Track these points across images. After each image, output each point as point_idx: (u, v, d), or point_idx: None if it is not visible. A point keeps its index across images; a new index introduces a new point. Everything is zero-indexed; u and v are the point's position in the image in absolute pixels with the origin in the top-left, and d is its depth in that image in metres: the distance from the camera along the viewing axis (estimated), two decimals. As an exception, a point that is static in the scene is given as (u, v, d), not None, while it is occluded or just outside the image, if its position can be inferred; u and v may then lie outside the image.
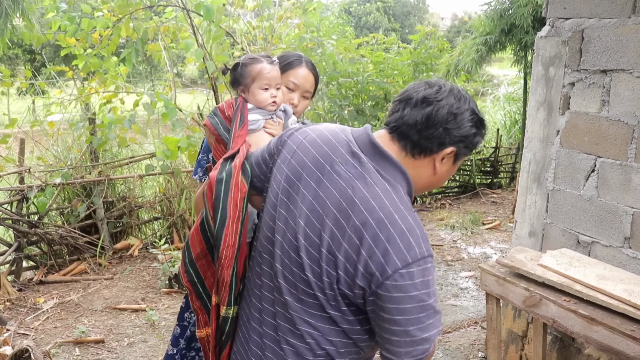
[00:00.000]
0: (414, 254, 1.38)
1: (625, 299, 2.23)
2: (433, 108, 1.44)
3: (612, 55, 2.79)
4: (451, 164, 1.53)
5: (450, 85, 1.51)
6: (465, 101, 1.48)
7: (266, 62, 2.09)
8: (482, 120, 1.52)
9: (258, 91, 2.09)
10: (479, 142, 1.54)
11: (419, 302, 1.37)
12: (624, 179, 2.77)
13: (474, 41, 8.51)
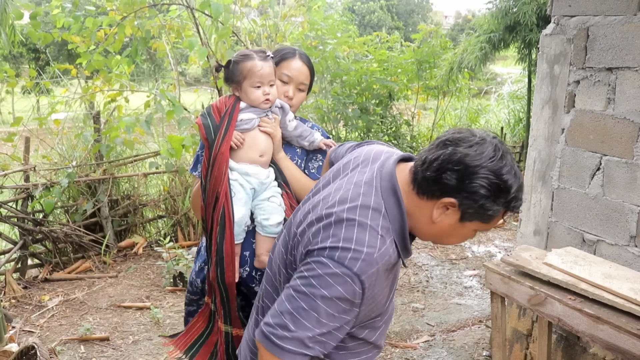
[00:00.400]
0: (332, 249, 1.40)
1: (631, 298, 2.23)
2: (448, 151, 1.38)
3: (617, 53, 2.79)
4: (456, 220, 1.43)
5: (490, 139, 1.41)
6: (491, 159, 1.37)
7: (258, 58, 2.05)
8: (501, 187, 1.37)
9: (250, 89, 2.06)
10: (493, 213, 1.40)
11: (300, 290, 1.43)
12: (629, 177, 2.76)
13: (478, 39, 8.47)
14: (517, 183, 1.39)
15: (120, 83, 5.37)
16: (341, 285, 1.37)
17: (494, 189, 1.36)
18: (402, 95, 8.42)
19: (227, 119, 2.05)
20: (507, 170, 1.37)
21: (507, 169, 1.37)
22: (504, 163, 1.37)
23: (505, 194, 1.38)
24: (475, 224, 1.44)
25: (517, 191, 1.40)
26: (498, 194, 1.37)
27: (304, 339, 1.40)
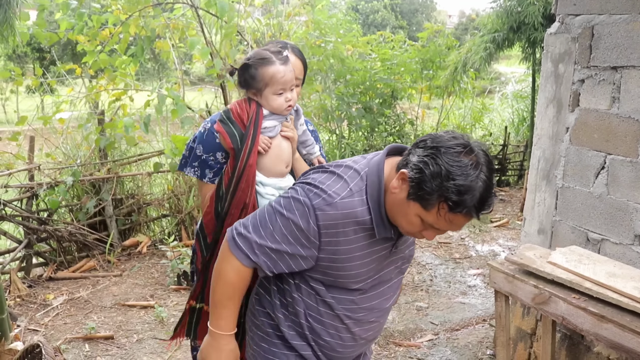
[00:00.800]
0: (307, 184, 1.62)
1: (636, 297, 2.22)
2: (431, 152, 1.47)
3: (622, 52, 2.78)
4: (404, 196, 1.51)
5: (474, 149, 1.48)
6: (457, 155, 1.45)
7: (279, 62, 1.94)
8: (442, 174, 1.44)
9: (272, 97, 1.97)
10: (427, 195, 1.46)
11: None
12: (634, 176, 2.75)
13: (482, 39, 8.47)
14: (464, 182, 1.42)
15: (125, 82, 5.39)
16: (299, 211, 1.56)
17: (434, 171, 1.43)
18: (406, 95, 8.42)
19: (252, 127, 1.97)
20: (462, 168, 1.43)
21: (463, 170, 1.43)
22: (466, 163, 1.44)
23: (444, 180, 1.42)
24: (416, 207, 1.50)
25: (460, 189, 1.42)
26: (436, 176, 1.43)
27: (253, 243, 1.60)
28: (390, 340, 3.95)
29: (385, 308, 1.81)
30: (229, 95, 5.78)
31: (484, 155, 1.48)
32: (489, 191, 1.47)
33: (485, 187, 1.44)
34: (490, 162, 1.49)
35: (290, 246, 1.58)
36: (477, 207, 1.45)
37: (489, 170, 1.47)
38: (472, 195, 1.43)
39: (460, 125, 9.72)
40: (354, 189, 1.57)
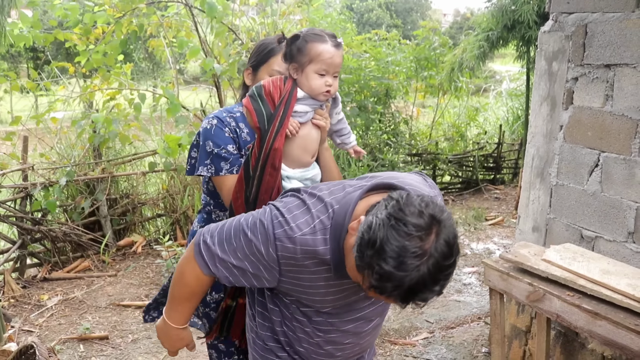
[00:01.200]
0: (277, 208, 1.57)
1: (629, 294, 2.23)
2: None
3: (615, 50, 2.79)
4: (352, 243, 1.39)
5: (432, 220, 1.30)
6: (406, 257, 1.26)
7: (331, 43, 1.81)
8: (376, 246, 1.28)
9: (313, 75, 1.82)
10: (358, 261, 1.33)
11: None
12: (627, 173, 2.76)
13: (476, 37, 8.49)
14: (391, 269, 1.27)
15: (119, 82, 5.37)
16: (261, 236, 1.51)
17: (371, 240, 1.30)
18: (401, 94, 8.43)
19: (282, 108, 1.82)
20: (399, 252, 1.27)
21: (400, 255, 1.27)
22: (408, 249, 1.27)
23: (375, 255, 1.29)
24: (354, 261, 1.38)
25: (383, 274, 1.28)
26: (370, 246, 1.30)
27: (216, 257, 1.58)
28: (385, 338, 3.95)
29: (363, 332, 1.74)
30: (223, 94, 5.77)
31: (444, 245, 1.29)
32: (426, 286, 1.29)
33: (420, 280, 1.27)
34: (448, 254, 1.30)
35: (252, 266, 1.55)
36: (402, 296, 1.31)
37: (438, 264, 1.28)
38: (394, 285, 1.28)
39: (455, 123, 9.72)
40: (317, 227, 1.48)
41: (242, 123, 2.17)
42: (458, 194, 8.69)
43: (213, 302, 2.35)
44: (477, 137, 9.85)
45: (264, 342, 1.78)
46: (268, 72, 2.13)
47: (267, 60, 2.14)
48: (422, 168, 8.26)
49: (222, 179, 2.10)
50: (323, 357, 1.74)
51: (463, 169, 9.07)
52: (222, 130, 2.11)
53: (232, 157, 2.09)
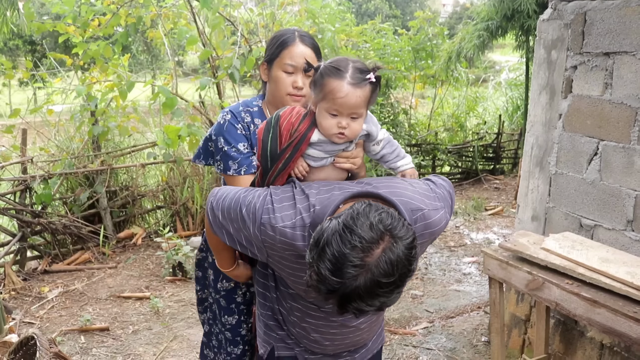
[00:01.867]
0: (274, 194, 1.62)
1: (628, 281, 2.23)
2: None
3: (615, 38, 2.78)
4: None
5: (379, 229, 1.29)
6: (346, 266, 1.26)
7: (349, 79, 1.55)
8: (320, 244, 1.30)
9: (324, 114, 1.60)
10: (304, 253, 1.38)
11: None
12: (626, 161, 2.76)
13: (476, 27, 8.46)
14: (326, 273, 1.28)
15: (117, 74, 5.36)
16: (251, 216, 1.57)
17: (317, 239, 1.32)
18: (400, 84, 8.41)
19: (290, 151, 1.65)
20: (338, 259, 1.27)
21: (339, 262, 1.27)
22: (347, 257, 1.27)
23: (317, 256, 1.31)
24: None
25: (319, 277, 1.30)
26: (315, 245, 1.32)
27: (217, 220, 1.67)
28: (385, 328, 3.97)
29: (352, 325, 1.74)
30: (222, 85, 5.76)
31: (387, 263, 1.27)
32: (361, 299, 1.29)
33: (354, 292, 1.27)
34: (388, 273, 1.27)
35: (245, 240, 1.61)
36: (337, 302, 1.32)
37: (374, 280, 1.27)
38: (328, 289, 1.30)
39: (455, 113, 9.71)
40: (297, 223, 1.50)
41: (259, 118, 2.14)
42: (458, 184, 8.69)
43: (228, 324, 2.39)
44: (476, 128, 9.84)
45: (265, 320, 1.86)
46: (280, 66, 2.05)
47: (280, 54, 2.06)
48: (422, 158, 8.26)
49: (229, 178, 2.10)
50: (313, 344, 1.78)
51: (463, 159, 9.07)
52: (235, 127, 2.08)
53: (241, 157, 2.07)
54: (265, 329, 1.86)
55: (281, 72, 2.05)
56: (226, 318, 2.38)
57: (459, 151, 8.93)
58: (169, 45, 5.93)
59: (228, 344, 2.43)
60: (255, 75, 6.55)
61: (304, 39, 2.06)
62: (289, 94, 2.06)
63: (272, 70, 2.09)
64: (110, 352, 3.67)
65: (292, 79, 2.04)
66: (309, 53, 2.05)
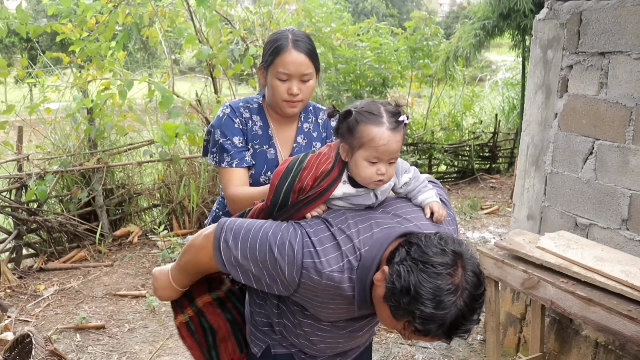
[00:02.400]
0: (309, 235, 1.54)
1: (623, 280, 2.25)
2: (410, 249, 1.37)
3: (610, 37, 2.79)
4: (380, 294, 1.41)
5: (460, 264, 1.34)
6: (442, 295, 1.29)
7: (388, 125, 1.51)
8: (410, 293, 1.31)
9: (363, 163, 1.54)
10: (395, 310, 1.36)
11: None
12: (621, 161, 2.77)
13: (472, 26, 8.47)
14: (432, 310, 1.30)
15: (113, 71, 5.35)
16: (288, 258, 1.49)
17: (404, 287, 1.33)
18: (396, 83, 8.41)
19: (302, 205, 1.61)
20: (435, 292, 1.30)
21: (436, 295, 1.30)
22: (442, 288, 1.30)
23: (412, 301, 1.32)
24: (388, 311, 1.41)
25: (425, 317, 1.31)
26: (405, 293, 1.33)
27: (233, 259, 1.56)
28: (381, 327, 3.97)
29: (358, 335, 1.78)
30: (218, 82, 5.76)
31: (472, 275, 1.34)
32: (465, 318, 1.33)
33: (459, 314, 1.31)
34: (478, 284, 1.35)
35: (270, 278, 1.54)
36: (446, 333, 1.33)
37: (471, 296, 1.33)
38: (438, 324, 1.31)
39: (451, 112, 9.72)
40: (345, 266, 1.48)
41: (257, 116, 2.16)
42: (454, 183, 8.70)
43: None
44: (473, 127, 9.85)
45: (260, 326, 1.82)
46: (274, 74, 2.03)
47: (273, 62, 2.02)
48: (418, 157, 8.26)
49: (222, 170, 2.11)
50: (315, 352, 1.78)
51: (459, 158, 9.08)
52: (233, 120, 2.11)
53: (234, 150, 2.09)
54: (258, 331, 1.84)
55: (275, 79, 2.03)
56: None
57: (455, 150, 8.94)
58: (165, 43, 5.93)
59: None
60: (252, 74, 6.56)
61: (297, 44, 2.00)
62: (285, 100, 2.05)
63: (268, 76, 2.07)
64: (106, 350, 3.67)
65: (286, 85, 2.02)
66: (303, 59, 2.01)
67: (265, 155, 2.14)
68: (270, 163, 2.14)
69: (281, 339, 1.80)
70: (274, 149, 2.15)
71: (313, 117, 2.25)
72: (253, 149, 2.13)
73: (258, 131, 2.14)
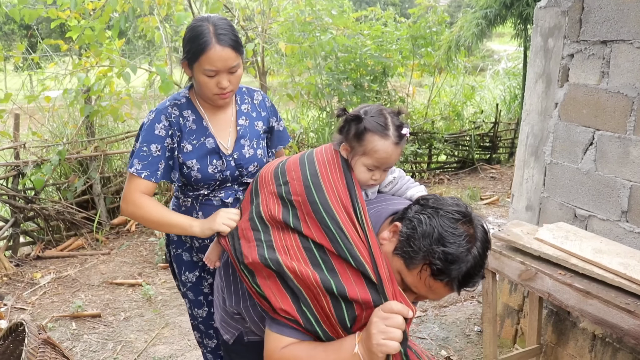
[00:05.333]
0: None
1: (621, 273, 2.22)
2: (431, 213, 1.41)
3: (612, 26, 2.74)
4: (390, 250, 1.46)
5: (473, 218, 1.41)
6: (461, 239, 1.36)
7: (393, 138, 1.62)
8: (435, 237, 1.37)
9: (361, 168, 1.65)
10: (412, 261, 1.40)
11: None
12: (622, 152, 2.73)
13: (474, 15, 8.39)
14: (454, 251, 1.35)
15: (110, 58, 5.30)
16: None
17: (426, 230, 1.39)
18: (397, 72, 8.35)
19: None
20: (455, 236, 1.36)
21: (457, 238, 1.36)
22: (461, 233, 1.37)
23: (434, 243, 1.37)
24: (399, 264, 1.44)
25: (448, 257, 1.35)
26: (426, 236, 1.38)
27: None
28: (378, 317, 3.96)
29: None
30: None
31: (483, 231, 1.41)
32: (477, 269, 1.38)
33: (474, 263, 1.37)
34: (488, 240, 1.42)
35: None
36: (461, 281, 1.37)
37: (484, 248, 1.40)
38: (458, 267, 1.35)
39: (452, 102, 9.67)
40: None
41: (188, 110, 2.12)
42: (454, 173, 8.67)
43: (200, 317, 2.42)
44: (473, 117, 9.80)
45: (231, 314, 1.82)
46: (201, 71, 1.96)
47: (198, 59, 1.95)
48: (418, 147, 8.22)
49: (129, 177, 2.07)
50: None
51: (459, 148, 9.04)
52: (154, 126, 2.05)
53: (148, 160, 2.05)
54: (230, 319, 1.83)
55: (203, 76, 1.97)
56: (197, 311, 2.39)
57: (455, 140, 8.89)
58: (164, 31, 5.87)
59: (204, 337, 2.44)
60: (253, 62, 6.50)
61: (220, 38, 1.92)
62: (216, 93, 2.02)
63: (194, 72, 2.00)
64: (101, 338, 3.66)
65: (215, 80, 1.98)
66: (229, 53, 1.94)
67: (205, 146, 2.11)
68: (212, 152, 2.11)
69: (251, 327, 1.79)
70: (211, 138, 2.12)
71: (248, 98, 2.24)
72: (191, 145, 2.09)
73: (192, 126, 2.10)
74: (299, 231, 1.53)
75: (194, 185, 2.14)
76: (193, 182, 2.12)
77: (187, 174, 2.11)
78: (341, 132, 1.67)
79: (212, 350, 2.46)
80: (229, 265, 1.82)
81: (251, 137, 2.19)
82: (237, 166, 2.14)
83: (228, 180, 2.15)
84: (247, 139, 2.17)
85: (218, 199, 2.17)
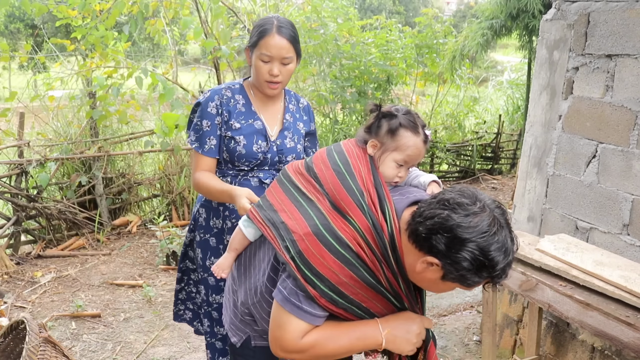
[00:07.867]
0: None
1: (622, 285, 2.22)
2: (443, 214, 1.37)
3: (617, 40, 2.76)
4: (437, 277, 1.43)
5: (490, 210, 1.39)
6: (483, 234, 1.34)
7: (422, 136, 1.67)
8: (485, 264, 1.35)
9: (390, 164, 1.67)
10: (473, 283, 1.40)
11: None
12: (625, 165, 2.74)
13: (480, 25, 8.42)
14: (504, 261, 1.36)
15: (115, 60, 5.32)
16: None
17: (477, 264, 1.35)
18: (401, 81, 8.38)
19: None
20: (496, 247, 1.34)
21: (497, 247, 1.34)
22: (495, 239, 1.35)
23: (489, 270, 1.36)
24: (456, 285, 1.45)
25: (503, 268, 1.37)
26: (481, 269, 1.36)
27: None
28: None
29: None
30: (222, 75, 5.73)
31: (498, 212, 1.41)
32: (510, 254, 1.41)
33: (512, 248, 1.40)
34: (505, 221, 1.42)
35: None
36: (503, 267, 1.39)
37: (509, 228, 1.42)
38: (493, 259, 1.36)
39: (454, 112, 9.69)
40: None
41: (240, 94, 2.33)
42: (455, 182, 8.68)
43: (215, 303, 2.41)
44: (476, 127, 9.81)
45: (242, 316, 1.82)
46: (258, 55, 2.20)
47: (257, 44, 2.20)
48: (420, 156, 8.22)
49: (192, 153, 2.34)
50: None
51: (461, 158, 9.05)
52: (208, 104, 2.29)
53: (201, 133, 2.28)
54: (239, 322, 1.83)
55: (259, 60, 2.20)
56: (214, 297, 2.42)
57: (457, 150, 8.91)
58: (170, 34, 5.90)
59: (215, 324, 2.46)
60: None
61: (281, 29, 2.17)
62: (266, 80, 2.23)
63: (253, 57, 2.25)
64: (101, 338, 3.66)
65: (268, 66, 2.20)
66: (285, 44, 2.18)
67: (253, 126, 2.30)
68: (259, 133, 2.30)
69: (261, 332, 1.79)
70: (260, 120, 2.32)
71: (295, 101, 2.47)
72: (239, 123, 2.28)
73: (241, 108, 2.31)
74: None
75: (236, 161, 2.29)
76: (236, 158, 2.28)
77: (232, 149, 2.27)
78: (371, 128, 1.70)
79: (222, 338, 2.48)
80: (242, 263, 1.85)
81: (294, 132, 2.39)
82: (278, 152, 2.32)
83: (267, 162, 2.31)
84: (290, 132, 2.37)
85: (257, 179, 2.31)
